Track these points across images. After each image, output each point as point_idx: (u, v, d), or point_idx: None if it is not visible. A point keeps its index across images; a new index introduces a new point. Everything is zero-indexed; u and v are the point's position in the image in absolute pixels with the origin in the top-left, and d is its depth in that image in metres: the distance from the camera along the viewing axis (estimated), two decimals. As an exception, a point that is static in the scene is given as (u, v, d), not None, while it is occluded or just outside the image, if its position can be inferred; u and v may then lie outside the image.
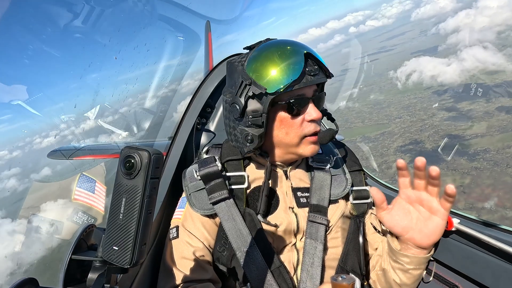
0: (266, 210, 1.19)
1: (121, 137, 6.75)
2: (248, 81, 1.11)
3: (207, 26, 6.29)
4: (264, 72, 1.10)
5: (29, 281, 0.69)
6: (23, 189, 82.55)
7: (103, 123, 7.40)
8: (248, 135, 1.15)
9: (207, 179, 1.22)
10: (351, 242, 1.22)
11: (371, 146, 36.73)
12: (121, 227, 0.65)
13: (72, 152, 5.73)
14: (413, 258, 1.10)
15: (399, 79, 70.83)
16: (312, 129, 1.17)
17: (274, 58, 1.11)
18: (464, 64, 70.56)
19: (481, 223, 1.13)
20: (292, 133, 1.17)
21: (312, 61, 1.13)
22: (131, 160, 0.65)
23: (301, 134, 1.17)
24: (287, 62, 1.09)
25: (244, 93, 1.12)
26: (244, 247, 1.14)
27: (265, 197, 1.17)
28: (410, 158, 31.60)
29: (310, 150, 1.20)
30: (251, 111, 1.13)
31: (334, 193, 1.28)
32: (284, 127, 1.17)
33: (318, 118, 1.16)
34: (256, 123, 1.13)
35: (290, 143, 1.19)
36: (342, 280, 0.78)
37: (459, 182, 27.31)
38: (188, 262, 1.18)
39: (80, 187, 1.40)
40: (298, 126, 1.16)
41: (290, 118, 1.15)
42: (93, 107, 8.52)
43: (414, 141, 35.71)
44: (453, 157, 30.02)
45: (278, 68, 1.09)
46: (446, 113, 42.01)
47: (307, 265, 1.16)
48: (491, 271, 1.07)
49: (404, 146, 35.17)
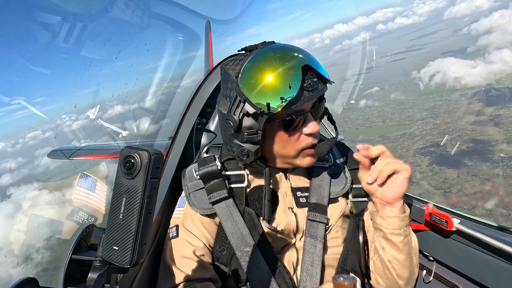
0: (269, 215, 1.18)
1: (121, 137, 6.75)
2: (243, 98, 1.05)
3: (207, 26, 6.28)
4: (259, 91, 1.03)
5: (29, 281, 0.69)
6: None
7: (103, 123, 7.40)
8: (244, 150, 1.13)
9: (206, 179, 1.22)
10: (351, 242, 1.22)
11: (390, 146, 36.25)
12: (121, 227, 0.65)
13: (73, 152, 5.73)
14: (388, 219, 1.14)
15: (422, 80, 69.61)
16: (309, 142, 1.15)
17: (269, 75, 1.03)
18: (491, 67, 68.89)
19: (481, 223, 1.13)
20: (289, 147, 1.15)
21: (311, 73, 1.07)
22: (131, 160, 0.65)
23: (298, 148, 1.15)
24: (283, 80, 1.02)
25: (239, 110, 1.07)
26: (243, 247, 1.14)
27: (267, 202, 1.17)
28: (429, 161, 31.00)
29: (307, 161, 1.19)
30: (246, 128, 1.09)
31: (334, 191, 1.28)
32: (281, 142, 1.15)
33: (315, 131, 1.14)
34: (252, 140, 1.11)
35: (287, 155, 1.18)
36: (343, 280, 0.78)
37: (478, 188, 26.73)
38: (188, 261, 1.18)
39: (80, 186, 1.40)
40: (295, 141, 1.14)
41: (287, 135, 1.13)
42: (93, 107, 8.52)
43: (436, 143, 35.23)
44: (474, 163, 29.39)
45: (274, 87, 1.02)
46: (473, 117, 41.06)
47: (307, 264, 1.16)
48: (491, 271, 1.07)
49: (424, 148, 34.62)
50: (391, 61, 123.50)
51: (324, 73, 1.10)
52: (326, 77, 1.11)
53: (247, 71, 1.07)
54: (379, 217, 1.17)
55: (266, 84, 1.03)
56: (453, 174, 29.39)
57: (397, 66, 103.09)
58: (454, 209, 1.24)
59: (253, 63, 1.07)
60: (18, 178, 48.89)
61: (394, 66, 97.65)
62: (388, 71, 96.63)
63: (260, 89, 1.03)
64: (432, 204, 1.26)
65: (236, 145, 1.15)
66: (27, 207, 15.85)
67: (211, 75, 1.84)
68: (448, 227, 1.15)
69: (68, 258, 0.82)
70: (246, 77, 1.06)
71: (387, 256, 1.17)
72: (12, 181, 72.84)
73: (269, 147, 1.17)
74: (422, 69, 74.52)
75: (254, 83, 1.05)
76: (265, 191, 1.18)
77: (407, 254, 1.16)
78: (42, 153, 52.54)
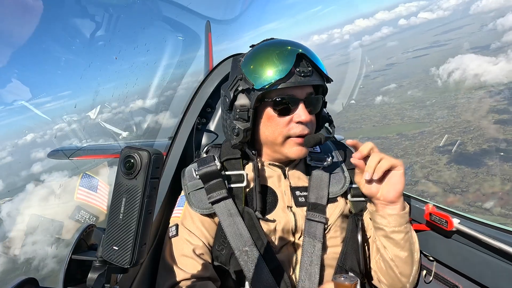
0: (263, 208, 1.20)
1: (121, 137, 6.75)
2: (240, 76, 1.16)
3: (207, 26, 6.29)
4: (254, 69, 1.14)
5: (29, 281, 0.69)
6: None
7: (103, 123, 7.41)
8: (235, 128, 1.19)
9: (206, 179, 1.22)
10: (350, 241, 1.22)
11: (407, 144, 35.64)
12: (121, 227, 0.65)
13: (73, 152, 5.74)
14: (389, 217, 1.15)
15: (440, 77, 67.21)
16: (298, 131, 1.17)
17: (266, 56, 1.14)
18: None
19: (481, 223, 1.13)
20: (277, 131, 1.18)
21: (307, 62, 1.14)
22: (131, 160, 0.65)
23: (286, 134, 1.18)
24: (276, 61, 1.12)
25: (235, 87, 1.18)
26: (242, 246, 1.14)
27: (259, 194, 1.19)
28: (447, 159, 30.03)
29: (295, 152, 1.20)
30: (239, 105, 1.17)
31: (333, 191, 1.28)
32: (270, 125, 1.19)
33: (305, 120, 1.16)
34: (243, 117, 1.17)
35: (275, 142, 1.20)
36: (344, 280, 0.79)
37: (498, 188, 25.82)
38: (187, 260, 1.18)
39: (82, 186, 1.40)
40: (284, 126, 1.17)
41: (276, 116, 1.17)
42: (94, 107, 8.53)
43: (455, 142, 34.10)
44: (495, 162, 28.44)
45: (267, 66, 1.12)
46: (496, 115, 39.73)
47: (305, 264, 1.16)
48: (491, 271, 1.07)
49: (443, 146, 33.72)
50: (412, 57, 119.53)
51: (321, 66, 1.17)
52: (322, 69, 1.17)
53: (249, 55, 1.20)
54: (379, 216, 1.17)
55: (260, 63, 1.14)
56: (471, 173, 28.35)
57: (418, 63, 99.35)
58: (472, 208, 1.23)
59: (255, 49, 1.21)
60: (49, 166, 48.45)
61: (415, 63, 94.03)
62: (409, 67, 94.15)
63: (255, 68, 1.15)
64: (432, 204, 1.26)
65: (229, 123, 1.22)
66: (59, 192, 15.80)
67: (211, 75, 1.84)
68: (448, 227, 1.15)
69: (68, 258, 0.82)
70: (246, 59, 1.20)
71: (389, 254, 1.18)
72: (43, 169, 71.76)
73: (259, 131, 1.22)
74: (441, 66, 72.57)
75: (252, 63, 1.17)
76: (255, 183, 1.20)
77: (409, 251, 1.16)
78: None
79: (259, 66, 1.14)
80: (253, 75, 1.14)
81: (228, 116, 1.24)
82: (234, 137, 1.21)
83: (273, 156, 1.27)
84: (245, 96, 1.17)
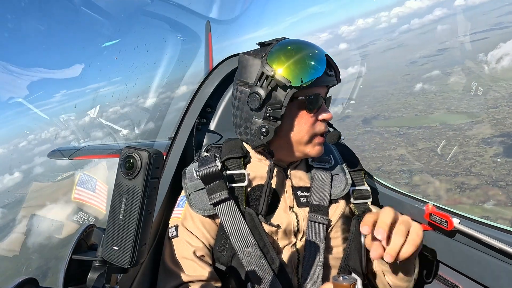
0: (266, 211, 1.19)
1: (121, 137, 6.76)
2: (271, 73, 1.11)
3: (207, 26, 6.29)
4: (288, 65, 1.12)
5: (29, 281, 0.69)
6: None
7: (104, 122, 7.41)
8: (264, 127, 1.15)
9: (206, 179, 1.21)
10: (353, 242, 1.22)
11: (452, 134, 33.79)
12: (121, 227, 0.65)
13: (72, 152, 5.73)
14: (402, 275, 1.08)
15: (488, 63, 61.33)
16: (323, 129, 1.21)
17: (299, 54, 1.14)
18: None
19: (481, 223, 1.13)
20: (304, 130, 1.19)
21: (330, 64, 1.18)
22: (131, 160, 0.65)
23: (312, 132, 1.20)
24: (312, 60, 1.14)
25: (266, 85, 1.13)
26: (244, 247, 1.14)
27: (267, 198, 1.17)
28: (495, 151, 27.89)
29: (317, 150, 1.23)
30: (271, 103, 1.14)
31: (334, 192, 1.28)
32: (298, 124, 1.19)
33: (329, 118, 1.21)
34: (274, 116, 1.14)
35: (300, 141, 1.21)
36: (343, 280, 0.78)
37: None
38: (188, 261, 1.18)
39: (82, 186, 1.40)
40: (311, 124, 1.19)
41: (306, 115, 1.19)
42: (93, 107, 8.54)
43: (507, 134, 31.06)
44: None
45: (304, 64, 1.13)
46: None
47: (307, 264, 1.16)
48: (491, 271, 1.07)
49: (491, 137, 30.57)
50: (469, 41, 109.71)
51: (337, 68, 1.22)
52: (339, 71, 1.23)
53: (276, 52, 1.15)
54: (391, 276, 1.11)
55: (296, 61, 1.13)
56: (521, 168, 25.69)
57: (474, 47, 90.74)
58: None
59: (282, 45, 1.17)
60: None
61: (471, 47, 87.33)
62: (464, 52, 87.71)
63: (290, 65, 1.12)
64: (432, 204, 1.26)
65: (255, 122, 1.18)
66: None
67: (211, 75, 1.84)
68: (448, 227, 1.15)
69: (68, 258, 0.82)
70: (274, 56, 1.15)
71: (390, 282, 1.17)
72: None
73: (285, 130, 1.20)
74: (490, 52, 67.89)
75: (284, 59, 1.13)
76: (267, 186, 1.17)
77: (412, 281, 1.16)
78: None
79: (295, 63, 1.12)
80: (288, 72, 1.11)
81: (250, 114, 1.18)
82: (262, 137, 1.17)
83: (289, 156, 1.27)
84: (277, 94, 1.14)
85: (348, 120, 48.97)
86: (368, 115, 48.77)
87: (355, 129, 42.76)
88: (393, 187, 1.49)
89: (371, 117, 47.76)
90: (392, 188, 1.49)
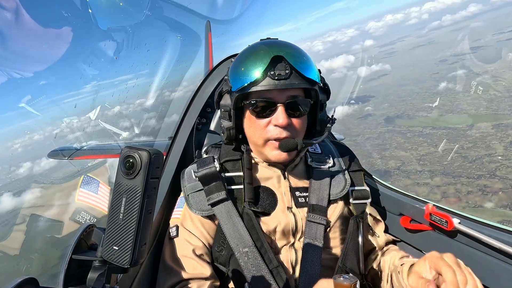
0: (264, 210, 1.20)
1: (121, 137, 6.76)
2: (226, 77, 1.24)
3: (207, 26, 6.29)
4: (234, 71, 1.20)
5: (29, 281, 0.69)
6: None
7: (103, 123, 7.42)
8: (222, 126, 1.27)
9: (205, 180, 1.22)
10: (351, 242, 1.22)
11: (478, 136, 33.13)
12: (121, 227, 0.65)
13: (72, 152, 5.73)
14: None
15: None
16: (274, 134, 1.16)
17: (243, 59, 1.18)
18: None
19: (481, 223, 1.13)
20: (257, 133, 1.20)
21: (285, 65, 1.10)
22: (131, 160, 0.65)
23: (264, 136, 1.18)
24: (250, 64, 1.14)
25: (220, 88, 1.26)
26: (242, 247, 1.14)
27: (248, 185, 1.21)
28: None
29: (275, 156, 1.20)
30: (223, 105, 1.24)
31: (333, 192, 1.28)
32: (251, 126, 1.22)
33: (282, 124, 1.13)
34: (225, 117, 1.25)
35: (256, 143, 1.23)
36: (343, 280, 0.78)
37: None
38: (187, 260, 1.18)
39: (83, 188, 1.40)
40: (262, 128, 1.18)
41: (255, 118, 1.19)
42: (94, 108, 8.54)
43: None
44: None
45: (241, 69, 1.16)
46: None
47: (305, 264, 1.16)
48: (491, 271, 1.07)
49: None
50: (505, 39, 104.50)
51: (302, 68, 1.12)
52: (302, 72, 1.11)
53: (236, 57, 1.24)
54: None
55: (238, 66, 1.19)
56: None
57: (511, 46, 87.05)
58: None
59: (242, 51, 1.25)
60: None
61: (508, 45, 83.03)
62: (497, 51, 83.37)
63: (234, 70, 1.20)
64: (432, 204, 1.26)
65: (222, 121, 1.28)
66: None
67: (211, 75, 1.84)
68: (448, 227, 1.15)
69: (68, 258, 0.82)
70: (234, 60, 1.24)
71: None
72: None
73: (246, 132, 1.27)
74: None
75: (234, 65, 1.22)
76: (244, 175, 1.24)
77: None
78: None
79: (237, 69, 1.18)
80: (232, 77, 1.19)
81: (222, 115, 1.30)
82: (221, 135, 1.29)
83: (258, 155, 1.29)
84: (228, 97, 1.22)
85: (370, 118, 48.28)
86: (391, 114, 48.03)
87: (376, 128, 42.34)
88: (393, 187, 1.49)
89: (394, 116, 47.10)
90: (392, 188, 1.49)
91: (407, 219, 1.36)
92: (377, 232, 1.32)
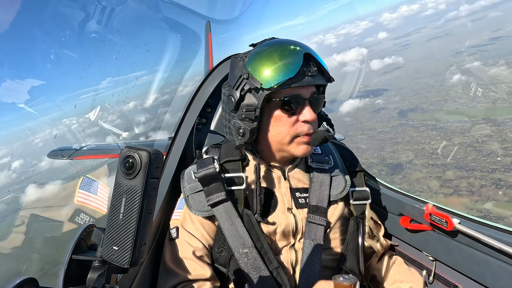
0: (263, 211, 1.19)
1: (121, 137, 6.75)
2: (246, 75, 1.14)
3: (207, 26, 6.29)
4: (261, 68, 1.12)
5: (29, 281, 0.69)
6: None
7: (103, 123, 7.42)
8: (241, 128, 1.17)
9: (204, 181, 1.21)
10: (351, 243, 1.22)
11: (494, 129, 31.81)
12: (121, 227, 0.65)
13: (72, 152, 5.73)
14: None
15: None
16: (305, 130, 1.17)
17: (273, 56, 1.13)
18: None
19: (481, 223, 1.13)
20: (284, 131, 1.17)
21: (312, 63, 1.14)
22: (130, 160, 0.65)
23: (293, 133, 1.17)
24: (285, 60, 1.11)
25: (241, 87, 1.15)
26: (242, 248, 1.14)
27: (259, 197, 1.18)
28: None
29: (302, 150, 1.19)
30: (245, 105, 1.15)
31: (333, 193, 1.27)
32: (277, 125, 1.17)
33: (311, 119, 1.15)
34: (249, 117, 1.15)
35: (282, 141, 1.19)
36: (343, 280, 0.79)
37: None
38: (188, 262, 1.18)
39: (83, 189, 1.40)
40: (291, 126, 1.16)
41: (283, 116, 1.16)
42: (94, 108, 8.54)
43: None
44: None
45: (275, 65, 1.11)
46: None
47: (305, 265, 1.15)
48: (491, 271, 1.07)
49: None
50: None
51: (325, 66, 1.17)
52: (326, 70, 1.17)
53: (254, 54, 1.17)
54: None
55: (268, 62, 1.12)
56: None
57: None
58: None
59: (260, 47, 1.18)
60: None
61: None
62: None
63: (263, 67, 1.12)
64: (432, 204, 1.26)
65: (234, 123, 1.19)
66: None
67: (211, 75, 1.84)
68: (448, 227, 1.15)
69: (67, 258, 0.82)
70: (252, 58, 1.16)
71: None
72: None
73: (265, 131, 1.20)
74: None
75: (258, 62, 1.14)
76: (257, 186, 1.19)
77: None
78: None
79: (267, 65, 1.12)
80: (260, 74, 1.12)
81: (231, 116, 1.21)
82: (239, 138, 1.18)
83: (277, 156, 1.25)
84: (251, 96, 1.14)
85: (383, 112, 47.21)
86: (404, 108, 46.71)
87: (389, 121, 41.24)
88: (394, 187, 1.49)
89: (407, 109, 45.88)
90: (393, 188, 1.49)
91: (407, 219, 1.36)
92: (377, 236, 1.32)
